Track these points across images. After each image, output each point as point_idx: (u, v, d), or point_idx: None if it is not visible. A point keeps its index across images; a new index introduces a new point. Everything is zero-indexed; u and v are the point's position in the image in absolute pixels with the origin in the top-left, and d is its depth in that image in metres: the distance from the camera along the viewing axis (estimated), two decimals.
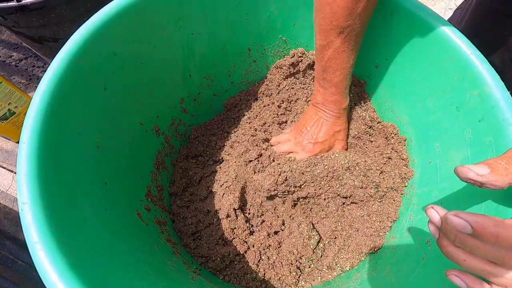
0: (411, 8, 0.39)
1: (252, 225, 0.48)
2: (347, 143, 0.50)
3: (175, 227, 0.48)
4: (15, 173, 0.71)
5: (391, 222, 0.44)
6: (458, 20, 0.58)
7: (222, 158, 0.54)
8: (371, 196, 0.47)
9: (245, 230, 0.47)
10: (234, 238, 0.46)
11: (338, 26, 0.37)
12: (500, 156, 0.26)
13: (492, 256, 0.22)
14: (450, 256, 0.25)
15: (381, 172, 0.46)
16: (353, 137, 0.50)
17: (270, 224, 0.49)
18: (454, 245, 0.24)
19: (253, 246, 0.47)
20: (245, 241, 0.47)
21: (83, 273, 0.25)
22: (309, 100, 0.54)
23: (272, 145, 0.52)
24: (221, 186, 0.49)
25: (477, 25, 0.51)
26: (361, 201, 0.47)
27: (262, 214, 0.49)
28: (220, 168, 0.53)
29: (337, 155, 0.47)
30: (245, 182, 0.49)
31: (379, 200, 0.47)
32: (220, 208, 0.48)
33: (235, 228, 0.47)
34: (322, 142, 0.47)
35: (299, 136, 0.49)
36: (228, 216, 0.47)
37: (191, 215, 0.48)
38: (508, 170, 0.24)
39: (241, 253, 0.46)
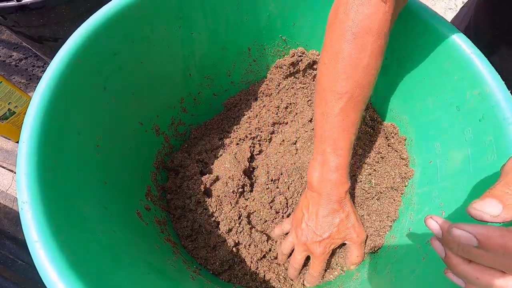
0: (411, 8, 0.39)
1: (253, 226, 0.48)
2: (363, 223, 0.43)
3: (174, 227, 0.48)
4: (15, 173, 0.71)
5: (391, 221, 0.44)
6: (463, 18, 0.58)
7: (221, 158, 0.54)
8: (366, 191, 0.46)
9: (245, 231, 0.47)
10: (234, 240, 0.46)
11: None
12: (502, 183, 0.23)
13: (503, 265, 0.21)
14: (461, 275, 0.23)
15: (378, 171, 0.47)
16: None
17: (270, 224, 0.49)
18: (465, 262, 0.23)
19: (253, 246, 0.46)
20: (244, 243, 0.47)
21: (83, 272, 0.25)
22: (309, 100, 0.54)
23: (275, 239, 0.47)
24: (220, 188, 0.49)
25: (480, 24, 0.51)
26: (360, 199, 0.47)
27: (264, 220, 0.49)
28: (219, 169, 0.53)
29: None
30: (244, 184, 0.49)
31: (376, 198, 0.47)
32: (220, 212, 0.48)
33: (235, 230, 0.47)
34: (328, 238, 0.40)
35: (300, 234, 0.42)
36: (227, 218, 0.47)
37: (187, 218, 0.48)
38: None
39: (241, 254, 0.46)
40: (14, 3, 0.51)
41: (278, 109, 0.54)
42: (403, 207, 0.44)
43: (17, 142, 0.72)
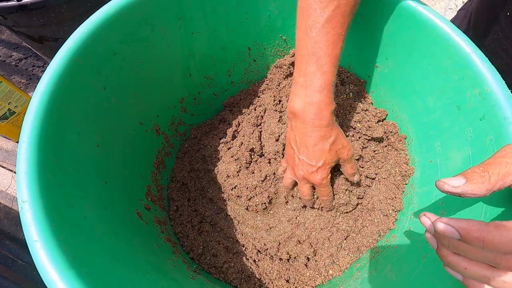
0: (411, 8, 0.39)
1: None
2: (351, 143, 0.43)
3: (173, 228, 0.48)
4: (15, 172, 0.71)
5: (391, 221, 0.44)
6: (461, 21, 0.58)
7: (221, 158, 0.54)
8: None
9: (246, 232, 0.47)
10: (233, 242, 0.46)
11: None
12: (478, 164, 0.26)
13: (486, 258, 0.22)
14: (451, 265, 0.25)
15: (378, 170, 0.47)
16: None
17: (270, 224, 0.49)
18: (454, 254, 0.25)
19: (253, 247, 0.46)
20: (244, 244, 0.47)
21: (83, 271, 0.25)
22: None
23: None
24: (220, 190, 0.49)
25: (480, 25, 0.51)
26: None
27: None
28: (219, 169, 0.53)
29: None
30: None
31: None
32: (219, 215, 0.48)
33: (236, 232, 0.47)
34: (323, 166, 0.40)
35: (297, 170, 0.42)
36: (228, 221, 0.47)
37: (187, 220, 0.48)
38: (484, 177, 0.25)
39: (240, 255, 0.46)
40: (14, 3, 0.51)
41: (278, 109, 0.54)
42: (403, 206, 0.44)
43: (17, 142, 0.72)
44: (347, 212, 0.48)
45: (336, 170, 0.47)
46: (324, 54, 0.35)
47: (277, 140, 0.51)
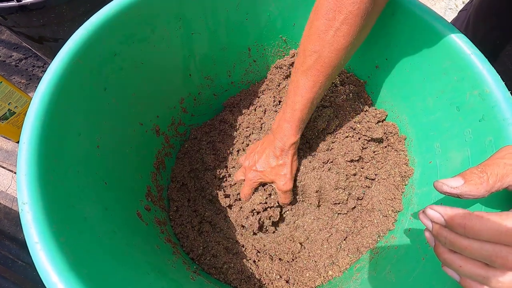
0: (411, 8, 0.39)
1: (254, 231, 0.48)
2: (294, 181, 0.47)
3: (173, 228, 0.48)
4: (15, 173, 0.71)
5: (391, 222, 0.44)
6: (462, 22, 0.58)
7: (221, 158, 0.54)
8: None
9: (246, 234, 0.47)
10: (233, 242, 0.46)
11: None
12: (477, 165, 0.27)
13: (481, 256, 0.23)
14: (447, 263, 0.26)
15: (378, 169, 0.47)
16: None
17: (269, 225, 0.49)
18: (450, 251, 0.25)
19: (253, 247, 0.47)
20: (243, 245, 0.47)
21: (83, 273, 0.25)
22: None
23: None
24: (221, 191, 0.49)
25: (480, 27, 0.51)
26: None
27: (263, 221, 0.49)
28: (219, 170, 0.53)
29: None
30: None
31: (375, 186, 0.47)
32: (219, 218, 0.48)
33: (235, 233, 0.47)
34: (261, 172, 0.45)
35: (247, 159, 0.48)
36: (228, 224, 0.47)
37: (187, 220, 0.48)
38: (482, 178, 0.25)
39: (240, 256, 0.46)
40: (14, 3, 0.51)
41: (278, 109, 0.54)
42: (403, 206, 0.44)
43: (17, 142, 0.72)
44: (344, 214, 0.48)
45: (330, 168, 0.47)
46: (297, 94, 0.39)
47: None
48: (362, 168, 0.48)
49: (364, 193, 0.48)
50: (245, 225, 0.47)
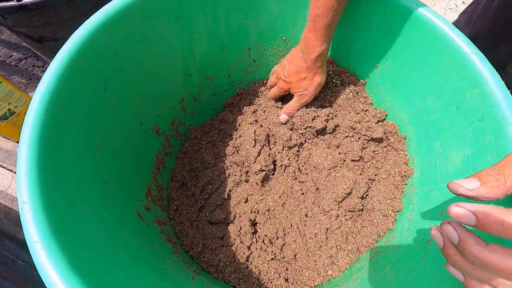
0: (411, 8, 0.39)
1: (255, 230, 0.48)
2: (319, 94, 0.50)
3: (173, 228, 0.48)
4: (14, 172, 0.71)
5: (391, 221, 0.44)
6: (463, 25, 0.58)
7: (221, 158, 0.54)
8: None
9: (247, 234, 0.47)
10: (233, 244, 0.46)
11: None
12: (492, 166, 0.25)
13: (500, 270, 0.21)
14: (457, 265, 0.24)
15: (378, 169, 0.47)
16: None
17: (269, 226, 0.49)
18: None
19: (252, 248, 0.47)
20: (243, 244, 0.47)
21: (83, 272, 0.25)
22: None
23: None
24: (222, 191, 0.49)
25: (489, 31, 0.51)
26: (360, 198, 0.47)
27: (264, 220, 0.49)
28: (218, 170, 0.53)
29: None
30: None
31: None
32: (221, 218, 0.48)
33: (236, 235, 0.47)
34: (288, 82, 0.48)
35: (279, 69, 0.50)
36: (229, 224, 0.47)
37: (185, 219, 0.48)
38: (500, 180, 0.23)
39: (239, 256, 0.46)
40: (14, 3, 0.51)
41: (278, 109, 0.54)
42: (403, 206, 0.44)
43: (17, 142, 0.72)
44: (351, 215, 0.48)
45: (339, 173, 0.47)
46: (320, 2, 0.39)
47: (277, 141, 0.51)
48: (362, 168, 0.48)
49: (366, 194, 0.48)
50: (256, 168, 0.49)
